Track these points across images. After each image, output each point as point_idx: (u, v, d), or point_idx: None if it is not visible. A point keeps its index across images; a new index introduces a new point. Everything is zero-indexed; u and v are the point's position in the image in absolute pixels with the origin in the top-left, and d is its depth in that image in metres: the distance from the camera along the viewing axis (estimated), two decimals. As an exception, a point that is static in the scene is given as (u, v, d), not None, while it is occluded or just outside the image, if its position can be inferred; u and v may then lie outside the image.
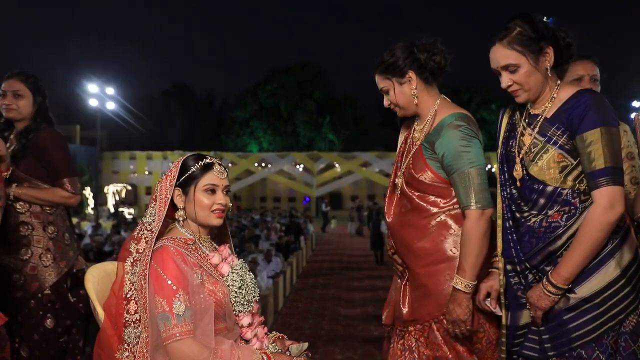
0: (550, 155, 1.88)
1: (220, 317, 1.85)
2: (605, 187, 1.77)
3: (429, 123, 2.21)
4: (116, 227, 14.13)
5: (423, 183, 2.18)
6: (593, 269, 1.82)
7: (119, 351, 1.80)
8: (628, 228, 1.90)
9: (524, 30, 1.87)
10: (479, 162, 2.08)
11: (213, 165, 1.92)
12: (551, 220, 1.88)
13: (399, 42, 2.24)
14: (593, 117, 1.79)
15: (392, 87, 2.24)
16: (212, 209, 1.90)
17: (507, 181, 2.00)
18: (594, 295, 1.82)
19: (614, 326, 1.81)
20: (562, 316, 1.84)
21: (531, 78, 1.89)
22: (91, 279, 2.00)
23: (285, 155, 32.81)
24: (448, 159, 2.10)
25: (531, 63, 1.87)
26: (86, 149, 30.80)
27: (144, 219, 1.88)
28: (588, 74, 2.56)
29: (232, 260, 1.97)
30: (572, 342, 1.83)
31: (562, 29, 1.91)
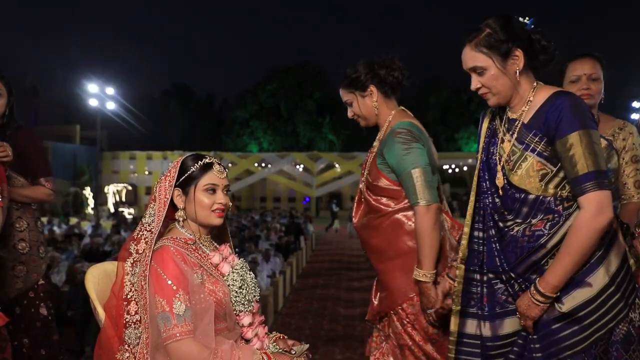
0: (530, 164, 1.83)
1: (221, 316, 1.85)
2: (592, 192, 1.71)
3: (383, 133, 2.45)
4: (116, 227, 14.14)
5: (378, 187, 2.42)
6: (582, 277, 1.78)
7: (120, 352, 1.81)
8: (615, 233, 1.85)
9: (493, 32, 1.83)
10: (419, 163, 2.29)
11: (212, 165, 1.92)
12: (534, 229, 1.82)
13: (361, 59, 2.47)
14: (570, 120, 1.74)
15: (356, 100, 2.48)
16: (213, 208, 1.90)
17: (489, 189, 1.95)
18: (584, 304, 1.77)
19: (604, 335, 1.77)
20: (551, 325, 1.80)
21: (499, 81, 1.85)
22: (91, 279, 2.01)
23: (285, 156, 32.81)
24: (393, 164, 2.34)
25: (498, 66, 1.83)
26: (86, 149, 30.80)
27: (144, 220, 1.88)
28: (585, 73, 2.53)
29: (232, 260, 1.97)
30: (561, 352, 1.78)
31: (538, 31, 1.86)
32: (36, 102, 35.92)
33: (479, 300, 1.94)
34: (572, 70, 2.58)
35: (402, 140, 2.32)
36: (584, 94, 2.54)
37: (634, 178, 2.52)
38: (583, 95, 2.54)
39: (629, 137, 2.55)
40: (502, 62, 1.83)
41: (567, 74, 2.60)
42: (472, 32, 1.86)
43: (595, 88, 2.54)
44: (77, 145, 31.71)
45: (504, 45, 1.82)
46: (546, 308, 1.78)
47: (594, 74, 2.53)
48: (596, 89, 2.54)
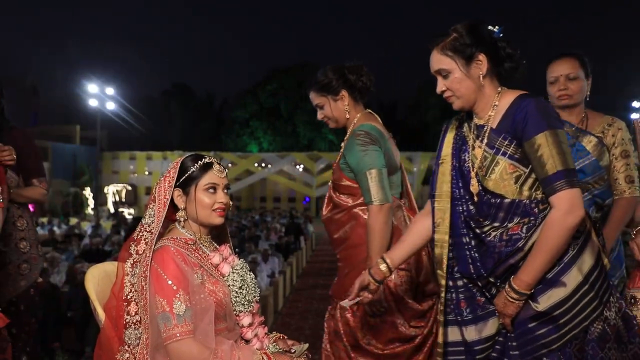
0: (502, 167, 1.84)
1: (221, 317, 1.84)
2: (563, 191, 1.73)
3: (348, 135, 2.61)
4: (116, 227, 14.14)
5: (340, 185, 2.60)
6: (556, 277, 1.80)
7: (120, 352, 1.81)
8: (589, 232, 1.87)
9: (459, 36, 1.87)
10: (375, 164, 2.44)
11: (212, 165, 1.92)
12: (511, 232, 1.83)
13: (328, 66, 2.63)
14: (536, 122, 1.77)
15: (328, 103, 2.62)
16: (214, 207, 1.90)
17: (462, 197, 1.95)
18: (559, 303, 1.78)
19: (578, 334, 1.79)
20: (527, 324, 1.82)
21: (462, 84, 1.88)
22: (91, 279, 2.01)
23: (285, 156, 32.79)
24: (352, 164, 2.50)
25: (461, 69, 1.87)
26: (86, 149, 30.79)
27: (143, 220, 1.88)
28: (562, 74, 2.56)
29: (232, 260, 1.97)
30: (537, 350, 1.80)
31: (504, 39, 1.89)
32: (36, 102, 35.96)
33: (457, 306, 1.95)
34: (550, 72, 2.62)
35: (360, 142, 2.47)
36: (562, 94, 2.57)
37: (624, 173, 2.54)
38: (561, 96, 2.58)
39: (618, 133, 2.57)
40: (466, 65, 1.87)
41: (547, 75, 2.64)
42: (439, 37, 1.90)
43: (574, 88, 2.56)
44: (77, 146, 31.71)
45: (468, 49, 1.85)
46: (522, 305, 1.80)
47: (572, 74, 2.56)
48: (575, 89, 2.56)
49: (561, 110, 2.62)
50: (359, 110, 2.65)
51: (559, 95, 2.58)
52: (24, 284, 2.77)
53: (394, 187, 2.62)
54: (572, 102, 2.58)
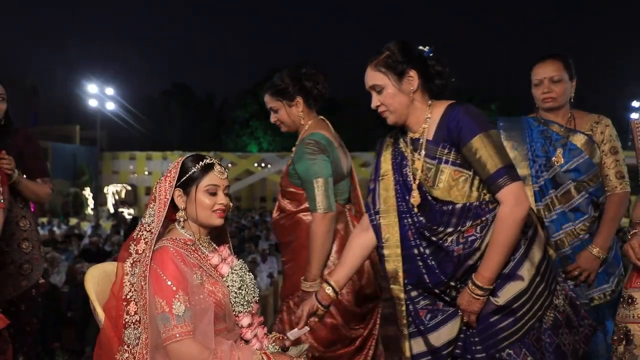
0: (447, 175, 1.92)
1: (220, 317, 1.85)
2: (507, 187, 1.83)
3: (299, 141, 2.67)
4: (116, 228, 14.15)
5: (287, 191, 2.68)
6: (513, 271, 1.89)
7: (119, 352, 1.81)
8: (536, 225, 1.98)
9: (392, 53, 1.96)
10: (322, 173, 2.51)
11: (213, 166, 1.92)
12: (467, 235, 1.90)
13: (286, 69, 2.68)
14: (469, 126, 1.86)
15: (283, 108, 2.69)
16: (214, 209, 1.90)
17: (411, 210, 2.00)
18: (517, 296, 1.88)
19: (534, 324, 1.90)
20: (489, 319, 1.90)
21: (395, 99, 1.96)
22: (91, 279, 2.01)
23: (285, 156, 32.69)
24: (300, 172, 2.56)
25: (394, 84, 1.95)
26: (86, 149, 30.77)
27: (143, 220, 1.88)
28: (546, 77, 2.57)
29: (231, 261, 1.97)
30: (499, 343, 1.88)
31: (435, 58, 1.99)
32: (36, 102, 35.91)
33: (416, 317, 1.99)
34: (534, 74, 2.62)
35: (310, 150, 2.54)
36: (546, 97, 2.58)
37: (615, 169, 2.55)
38: (545, 99, 2.59)
39: (606, 129, 2.59)
40: (398, 81, 1.95)
41: (531, 78, 2.64)
42: (374, 55, 1.99)
43: (558, 90, 2.57)
44: (76, 146, 31.69)
45: (400, 66, 1.94)
46: (486, 301, 1.88)
47: (556, 76, 2.56)
48: (559, 91, 2.57)
49: (547, 112, 2.64)
50: (312, 117, 2.72)
51: (543, 98, 2.59)
52: (25, 284, 2.77)
53: (340, 194, 2.68)
54: (556, 104, 2.59)
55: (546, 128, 2.63)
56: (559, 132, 2.59)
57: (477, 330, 1.91)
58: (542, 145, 2.62)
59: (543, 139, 2.62)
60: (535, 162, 2.63)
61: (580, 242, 2.54)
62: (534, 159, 2.63)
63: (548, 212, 2.58)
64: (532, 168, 2.63)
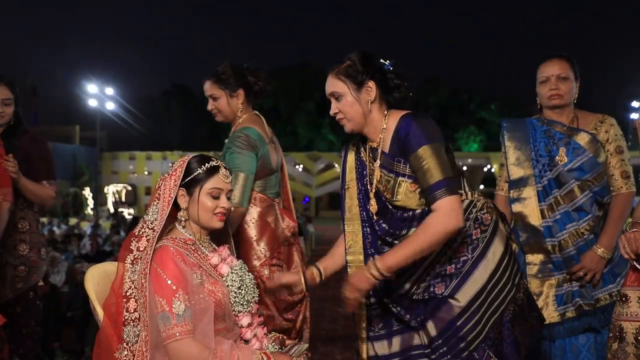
0: (405, 187, 1.97)
1: (220, 317, 1.85)
2: (443, 199, 1.86)
3: (232, 133, 2.70)
4: (116, 228, 14.14)
5: None
6: (468, 273, 1.95)
7: (118, 350, 1.80)
8: (496, 222, 2.02)
9: (353, 63, 2.00)
10: (245, 168, 2.56)
11: (219, 169, 1.92)
12: None
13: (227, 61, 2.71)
14: (417, 137, 1.91)
15: (224, 97, 2.70)
16: (215, 212, 1.90)
17: (371, 219, 2.06)
18: (476, 296, 1.93)
19: (497, 319, 1.94)
20: (455, 324, 1.92)
21: (353, 108, 2.00)
22: (91, 279, 2.01)
23: (284, 156, 32.80)
24: (225, 161, 2.49)
25: (352, 93, 1.99)
26: (86, 150, 30.78)
27: (146, 217, 1.88)
28: (553, 74, 2.57)
29: (231, 261, 1.97)
30: (469, 345, 1.91)
31: (394, 72, 2.03)
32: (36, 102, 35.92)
33: (372, 322, 2.08)
34: (541, 72, 2.62)
35: (238, 144, 2.59)
36: (553, 94, 2.58)
37: (620, 169, 2.55)
38: (552, 96, 2.58)
39: (611, 129, 2.58)
40: (357, 90, 1.99)
41: (537, 76, 2.64)
42: (336, 63, 2.03)
43: (564, 88, 2.57)
44: (76, 146, 31.70)
45: (359, 76, 1.98)
46: (374, 285, 1.93)
47: (563, 74, 2.57)
48: (566, 89, 2.57)
49: (551, 111, 2.64)
50: (249, 111, 2.78)
51: (549, 95, 2.59)
52: (21, 287, 2.76)
53: (270, 188, 2.74)
54: (562, 102, 2.59)
55: (549, 128, 2.63)
56: (562, 131, 2.59)
57: (444, 340, 1.93)
58: (546, 145, 2.62)
59: (546, 138, 2.62)
60: (538, 161, 2.62)
61: (585, 243, 2.52)
62: (537, 158, 2.63)
63: (551, 212, 2.57)
64: (535, 168, 2.62)
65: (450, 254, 1.98)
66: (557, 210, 2.56)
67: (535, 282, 2.60)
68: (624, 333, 1.95)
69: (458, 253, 1.98)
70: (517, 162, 2.68)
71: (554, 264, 2.57)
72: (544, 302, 2.56)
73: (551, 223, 2.55)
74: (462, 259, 1.97)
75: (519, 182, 2.66)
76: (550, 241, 2.56)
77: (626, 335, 1.94)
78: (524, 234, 2.63)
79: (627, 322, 1.96)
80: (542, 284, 2.59)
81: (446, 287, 1.96)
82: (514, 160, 2.69)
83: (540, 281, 2.60)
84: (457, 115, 39.30)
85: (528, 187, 2.63)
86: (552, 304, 2.55)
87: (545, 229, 2.57)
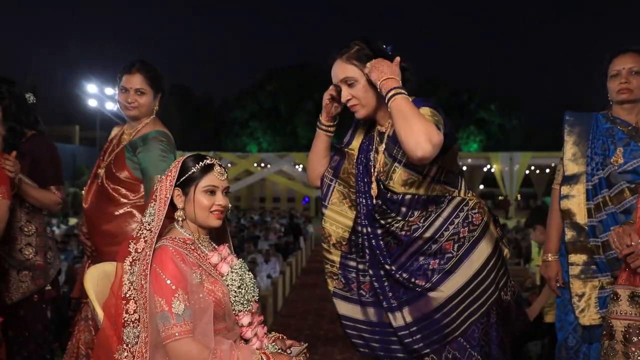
0: (398, 175, 1.99)
1: (220, 316, 1.84)
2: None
3: (136, 131, 2.67)
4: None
5: (119, 178, 2.62)
6: (453, 268, 1.97)
7: (118, 351, 1.80)
8: (486, 224, 2.04)
9: (362, 48, 1.97)
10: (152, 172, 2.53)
11: (213, 167, 1.92)
12: (411, 224, 2.02)
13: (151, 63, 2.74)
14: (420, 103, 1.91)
15: (149, 95, 2.68)
16: (212, 209, 1.90)
17: (367, 192, 2.10)
18: (459, 291, 1.96)
19: (480, 319, 1.97)
20: (433, 316, 1.97)
21: (368, 93, 1.98)
22: (90, 279, 2.00)
23: (284, 156, 32.74)
24: (145, 164, 2.55)
25: (367, 78, 1.95)
26: (85, 150, 30.80)
27: (143, 219, 1.88)
28: (625, 67, 2.51)
29: (231, 260, 1.96)
30: (445, 337, 1.95)
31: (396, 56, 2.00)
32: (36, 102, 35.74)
33: (346, 282, 2.16)
34: (613, 66, 2.55)
35: (162, 147, 2.59)
36: (623, 88, 2.50)
37: None
38: (621, 90, 2.51)
39: None
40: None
41: (609, 68, 2.57)
42: (343, 48, 2.01)
43: (635, 82, 2.49)
44: (76, 146, 31.71)
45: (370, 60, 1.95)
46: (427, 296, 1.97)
47: (635, 68, 2.50)
48: (637, 83, 2.50)
49: (619, 107, 2.56)
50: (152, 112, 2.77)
51: (619, 89, 2.51)
52: (25, 291, 2.71)
53: None
54: (632, 97, 2.50)
55: (613, 126, 2.55)
56: (626, 131, 2.51)
57: (419, 328, 1.96)
58: (603, 143, 2.54)
59: (605, 136, 2.55)
60: (592, 159, 2.55)
61: None
62: (592, 156, 2.55)
63: (597, 212, 2.49)
64: (588, 165, 2.55)
65: (436, 249, 2.00)
66: (604, 210, 2.48)
67: (577, 283, 2.54)
68: (613, 331, 1.98)
69: (443, 249, 2.00)
70: (573, 157, 2.62)
71: (597, 265, 2.50)
72: (586, 303, 2.52)
73: (596, 223, 2.49)
74: (446, 256, 2.00)
75: (571, 178, 2.59)
76: (594, 241, 2.49)
77: (615, 333, 1.96)
78: (570, 232, 2.57)
79: (616, 320, 1.98)
80: (585, 285, 2.53)
81: (427, 280, 1.99)
82: (570, 156, 2.62)
83: (582, 282, 2.54)
84: (457, 115, 39.23)
85: (579, 184, 2.57)
86: (594, 306, 2.50)
87: (589, 229, 2.51)
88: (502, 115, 38.83)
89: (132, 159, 2.61)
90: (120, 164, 2.64)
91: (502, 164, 25.85)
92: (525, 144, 35.40)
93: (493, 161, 26.86)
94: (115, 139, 2.77)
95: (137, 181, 2.61)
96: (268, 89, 42.19)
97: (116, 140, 2.76)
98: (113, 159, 2.67)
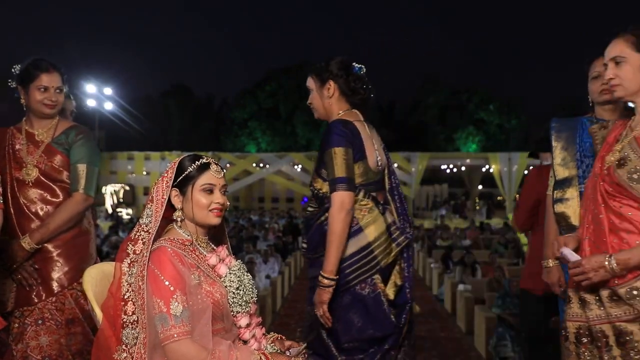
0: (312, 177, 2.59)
1: (218, 317, 1.84)
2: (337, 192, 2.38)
3: (63, 127, 2.74)
4: (114, 228, 14.12)
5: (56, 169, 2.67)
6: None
7: (117, 352, 1.80)
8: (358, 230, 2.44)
9: (321, 65, 2.60)
10: (98, 164, 2.73)
11: (209, 165, 1.92)
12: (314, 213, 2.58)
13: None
14: (326, 140, 2.46)
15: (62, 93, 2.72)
16: (210, 208, 1.90)
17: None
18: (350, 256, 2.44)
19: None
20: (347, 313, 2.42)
21: (316, 100, 2.64)
22: (89, 279, 2.00)
23: (283, 156, 32.72)
24: (80, 154, 2.68)
25: (316, 89, 2.62)
26: (85, 150, 30.65)
27: (141, 220, 1.88)
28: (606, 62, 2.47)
29: (229, 261, 1.96)
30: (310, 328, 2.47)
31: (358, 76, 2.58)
32: (34, 102, 35.66)
33: None
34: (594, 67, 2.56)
35: (92, 139, 2.76)
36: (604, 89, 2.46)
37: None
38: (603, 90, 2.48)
39: None
40: (320, 87, 2.61)
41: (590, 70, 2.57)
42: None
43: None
44: (75, 146, 31.59)
45: (324, 75, 2.59)
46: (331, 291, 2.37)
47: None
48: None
49: (601, 108, 2.56)
50: None
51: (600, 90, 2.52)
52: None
53: None
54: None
55: None
56: None
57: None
58: (591, 145, 2.51)
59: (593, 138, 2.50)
60: (582, 162, 2.55)
61: None
62: (582, 159, 2.56)
63: None
64: (579, 168, 2.56)
65: None
66: None
67: None
68: (567, 332, 2.04)
69: None
70: (562, 162, 2.62)
71: None
72: None
73: None
74: None
75: (563, 182, 2.60)
76: None
77: (569, 335, 2.03)
78: None
79: (570, 322, 2.04)
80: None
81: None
82: (559, 161, 2.63)
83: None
84: (456, 115, 39.24)
85: (571, 187, 2.57)
86: None
87: None
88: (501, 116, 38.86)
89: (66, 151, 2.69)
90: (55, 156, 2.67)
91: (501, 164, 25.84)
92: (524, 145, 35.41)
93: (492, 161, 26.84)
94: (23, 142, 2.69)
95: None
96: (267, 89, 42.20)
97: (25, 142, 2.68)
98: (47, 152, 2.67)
